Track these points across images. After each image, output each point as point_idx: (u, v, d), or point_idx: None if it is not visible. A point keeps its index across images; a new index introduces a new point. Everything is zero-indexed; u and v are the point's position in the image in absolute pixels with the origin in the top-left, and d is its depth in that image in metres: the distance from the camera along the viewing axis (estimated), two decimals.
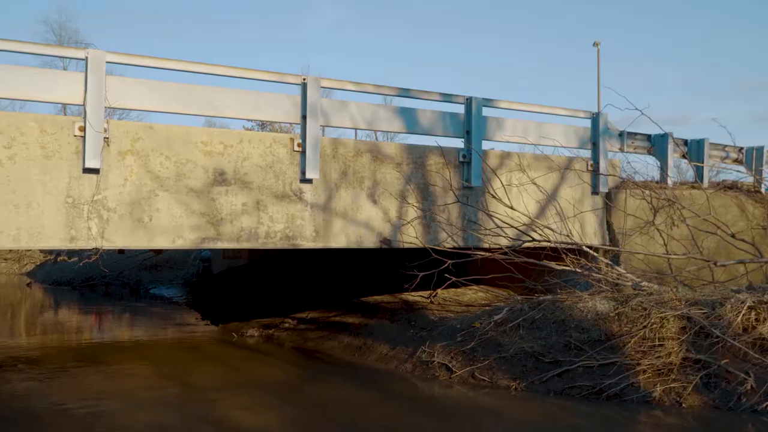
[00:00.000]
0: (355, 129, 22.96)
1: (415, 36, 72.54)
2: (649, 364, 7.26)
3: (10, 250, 28.47)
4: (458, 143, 9.64)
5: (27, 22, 62.24)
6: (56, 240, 7.02)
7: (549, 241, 9.14)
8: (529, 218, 9.44)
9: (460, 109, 9.52)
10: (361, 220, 8.66)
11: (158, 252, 22.41)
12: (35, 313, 17.35)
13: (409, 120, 9.15)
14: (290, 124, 20.54)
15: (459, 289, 11.20)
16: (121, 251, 20.96)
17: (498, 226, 9.10)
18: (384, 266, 12.14)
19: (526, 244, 9.26)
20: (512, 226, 9.11)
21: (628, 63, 71.81)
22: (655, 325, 7.62)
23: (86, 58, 7.09)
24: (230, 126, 38.36)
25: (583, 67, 75.73)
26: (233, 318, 13.21)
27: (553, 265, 9.01)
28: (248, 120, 23.89)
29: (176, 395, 7.94)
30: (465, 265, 9.57)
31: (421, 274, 8.76)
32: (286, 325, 11.95)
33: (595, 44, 35.30)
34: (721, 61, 73.68)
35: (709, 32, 74.84)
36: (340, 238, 8.54)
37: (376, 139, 32.79)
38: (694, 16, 77.09)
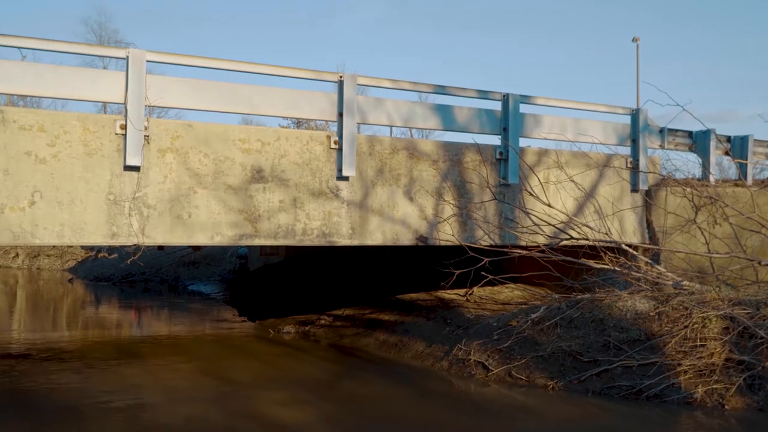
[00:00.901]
0: (390, 126, 22.97)
1: (449, 34, 72.26)
2: (690, 365, 7.13)
3: (53, 247, 29.11)
4: (495, 140, 9.59)
5: (68, 22, 63.56)
6: (98, 236, 7.16)
7: (587, 239, 9.03)
8: (567, 216, 9.34)
9: (496, 105, 9.46)
10: (398, 218, 8.66)
11: (197, 249, 22.73)
12: (77, 308, 17.72)
13: (446, 117, 9.12)
14: (326, 121, 20.67)
15: (495, 287, 11.13)
16: (160, 248, 21.35)
17: (535, 224, 9.01)
18: (419, 264, 12.13)
19: (564, 242, 9.16)
20: (550, 224, 9.02)
21: (668, 59, 70.58)
22: (696, 325, 7.48)
23: (127, 57, 7.21)
24: (266, 124, 38.67)
25: (621, 63, 74.53)
26: (270, 314, 13.32)
27: (591, 263, 8.90)
28: (285, 117, 24.02)
29: (214, 390, 8.03)
30: (501, 263, 9.50)
31: (458, 271, 8.72)
32: (322, 321, 12.01)
33: (634, 40, 34.75)
34: None
35: (756, 25, 73.00)
36: (376, 235, 8.55)
37: (411, 136, 32.75)
38: (737, 6, 75.29)
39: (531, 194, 9.11)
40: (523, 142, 9.73)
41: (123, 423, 6.58)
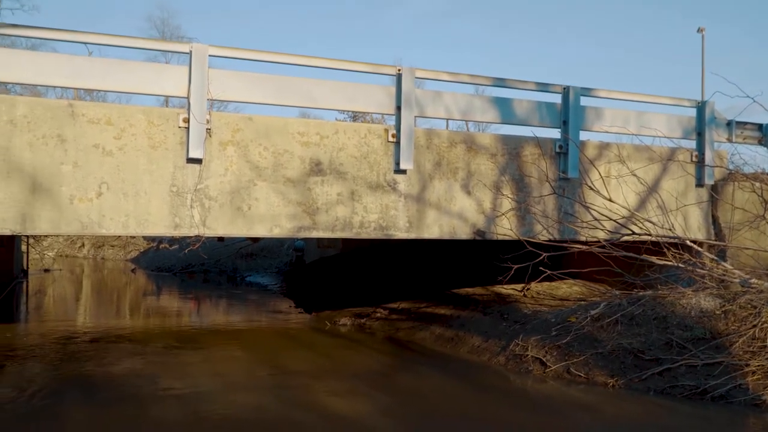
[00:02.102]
0: (447, 120, 22.85)
1: (504, 27, 71.39)
2: (758, 365, 6.89)
3: (117, 237, 30.01)
4: (554, 133, 9.42)
5: (132, 19, 65.24)
6: (161, 227, 7.33)
7: (650, 235, 8.81)
8: (629, 211, 9.12)
9: (556, 98, 9.30)
10: (455, 211, 8.61)
11: (255, 240, 23.12)
12: (139, 297, 18.23)
13: (504, 110, 9.01)
14: (382, 115, 20.68)
15: (553, 283, 10.98)
16: (220, 239, 21.78)
17: (595, 219, 8.84)
18: (475, 258, 12.05)
19: (625, 238, 8.95)
20: (610, 219, 8.82)
21: (735, 50, 68.16)
22: (766, 325, 7.22)
23: (190, 52, 7.34)
24: (320, 117, 38.96)
25: (684, 55, 72.40)
26: (326, 306, 13.45)
27: (653, 259, 8.68)
28: (342, 111, 24.16)
29: (271, 379, 8.16)
30: (560, 258, 9.36)
31: (515, 266, 8.62)
32: (378, 314, 12.06)
33: (700, 30, 33.73)
34: None
35: None
36: (433, 228, 8.52)
37: (467, 129, 32.51)
38: None
39: (591, 188, 8.93)
40: (583, 136, 9.55)
41: (182, 410, 6.74)
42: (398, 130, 8.21)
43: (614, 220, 8.87)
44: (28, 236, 23.12)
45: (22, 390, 7.47)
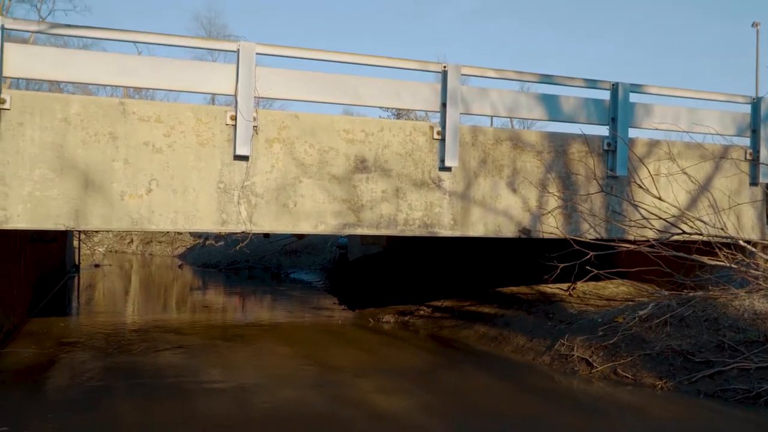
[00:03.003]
0: (491, 117, 22.68)
1: (548, 26, 70.53)
2: None
3: (164, 234, 30.60)
4: (602, 131, 9.28)
5: (179, 19, 66.38)
6: (209, 223, 7.44)
7: (701, 234, 8.61)
8: (679, 210, 8.94)
9: (605, 95, 9.15)
10: (500, 209, 8.54)
11: (300, 237, 23.33)
12: (185, 293, 18.55)
13: (551, 107, 8.91)
14: (425, 112, 20.63)
15: (599, 282, 10.81)
16: (266, 235, 22.05)
17: (644, 218, 8.68)
18: (518, 256, 11.95)
19: (675, 237, 8.77)
20: (660, 218, 8.65)
21: None
22: None
23: (238, 50, 7.43)
24: (364, 114, 39.06)
25: (737, 50, 70.55)
26: (369, 304, 13.49)
27: (704, 259, 8.48)
28: (386, 108, 24.19)
29: (316, 375, 8.21)
30: (607, 257, 9.21)
31: (561, 265, 8.52)
32: (421, 312, 12.04)
33: (755, 25, 32.83)
34: None
35: None
36: (478, 226, 8.47)
37: (512, 126, 32.26)
38: None
39: (640, 186, 8.77)
40: (632, 133, 9.38)
41: (228, 403, 6.83)
42: (443, 127, 8.19)
43: (664, 219, 8.70)
44: (79, 232, 23.76)
45: (74, 379, 7.69)
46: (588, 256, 8.40)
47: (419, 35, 69.18)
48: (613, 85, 9.06)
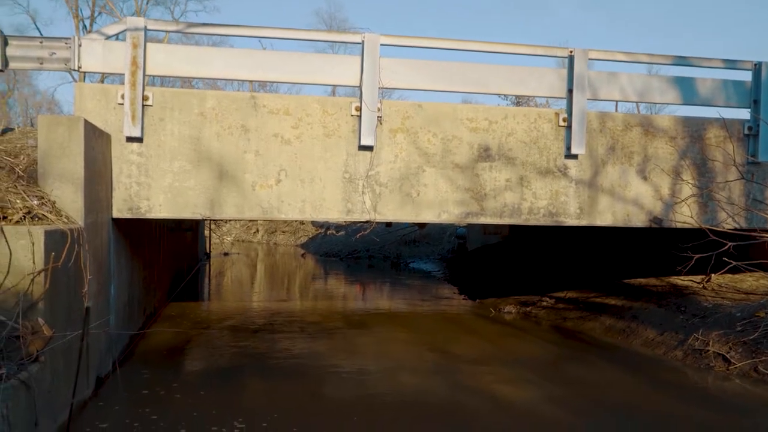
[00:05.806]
0: (616, 102, 21.80)
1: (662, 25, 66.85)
2: None
3: (287, 224, 31.65)
4: (741, 114, 8.73)
5: (301, 15, 68.17)
6: (335, 212, 7.63)
7: None
8: None
9: (746, 76, 8.59)
10: (629, 198, 8.23)
11: (422, 226, 23.47)
12: (308, 281, 19.10)
13: (685, 90, 8.46)
14: (546, 99, 20.16)
15: (737, 275, 10.19)
16: (388, 224, 22.32)
17: None
18: (647, 247, 11.46)
19: None
20: None
21: None
22: None
23: (362, 42, 7.55)
24: (484, 102, 38.62)
25: None
26: (489, 294, 13.39)
27: None
28: (505, 96, 23.80)
29: (437, 362, 8.25)
30: (746, 248, 8.67)
31: (696, 256, 8.10)
32: (544, 303, 11.82)
33: None
34: None
35: None
36: (606, 215, 8.20)
37: (638, 111, 30.92)
38: None
39: None
40: None
41: (352, 387, 7.01)
42: (569, 113, 7.98)
43: None
44: (210, 222, 25.02)
45: (210, 359, 8.13)
46: (726, 247, 7.94)
47: (539, 23, 67.47)
48: (755, 65, 8.49)
